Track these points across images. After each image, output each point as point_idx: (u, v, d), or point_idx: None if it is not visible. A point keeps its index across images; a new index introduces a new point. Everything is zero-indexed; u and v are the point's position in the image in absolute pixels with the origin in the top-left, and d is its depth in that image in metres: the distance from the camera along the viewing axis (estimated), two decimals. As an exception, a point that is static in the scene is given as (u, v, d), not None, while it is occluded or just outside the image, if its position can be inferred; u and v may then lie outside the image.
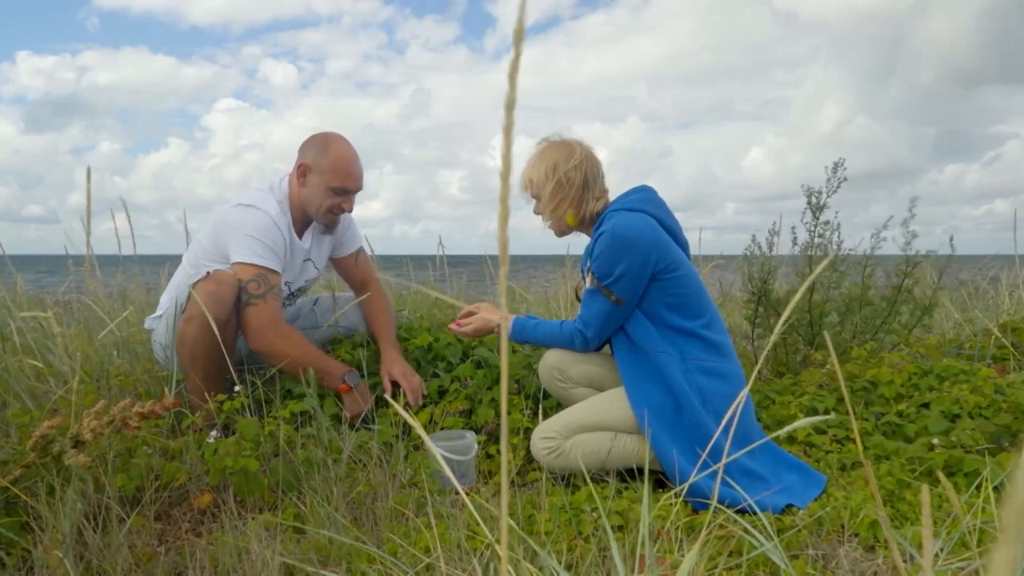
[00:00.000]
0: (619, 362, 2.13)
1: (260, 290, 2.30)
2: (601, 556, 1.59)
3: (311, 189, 2.46)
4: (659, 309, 2.09)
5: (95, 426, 1.52)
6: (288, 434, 2.06)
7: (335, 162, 2.44)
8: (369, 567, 1.47)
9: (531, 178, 2.19)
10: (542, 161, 2.17)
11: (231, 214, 2.40)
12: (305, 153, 2.47)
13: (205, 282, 2.22)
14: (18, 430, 1.95)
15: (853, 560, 1.62)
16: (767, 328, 2.96)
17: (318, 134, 2.51)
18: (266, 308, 2.31)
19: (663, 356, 2.05)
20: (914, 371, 2.55)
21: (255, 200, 2.41)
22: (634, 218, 2.05)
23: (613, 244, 2.01)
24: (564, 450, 2.07)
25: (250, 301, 2.29)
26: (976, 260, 7.03)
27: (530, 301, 4.74)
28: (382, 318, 2.68)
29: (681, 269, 2.10)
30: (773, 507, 1.86)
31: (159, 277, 4.36)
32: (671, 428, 2.02)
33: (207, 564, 1.56)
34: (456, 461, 2.06)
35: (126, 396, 2.33)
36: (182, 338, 2.24)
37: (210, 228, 2.47)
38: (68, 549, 1.41)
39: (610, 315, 2.09)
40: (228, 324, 2.26)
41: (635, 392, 2.07)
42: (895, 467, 1.98)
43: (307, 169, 2.45)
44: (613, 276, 2.03)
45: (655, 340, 2.07)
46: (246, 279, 2.29)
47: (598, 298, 2.09)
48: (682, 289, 2.10)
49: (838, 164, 2.73)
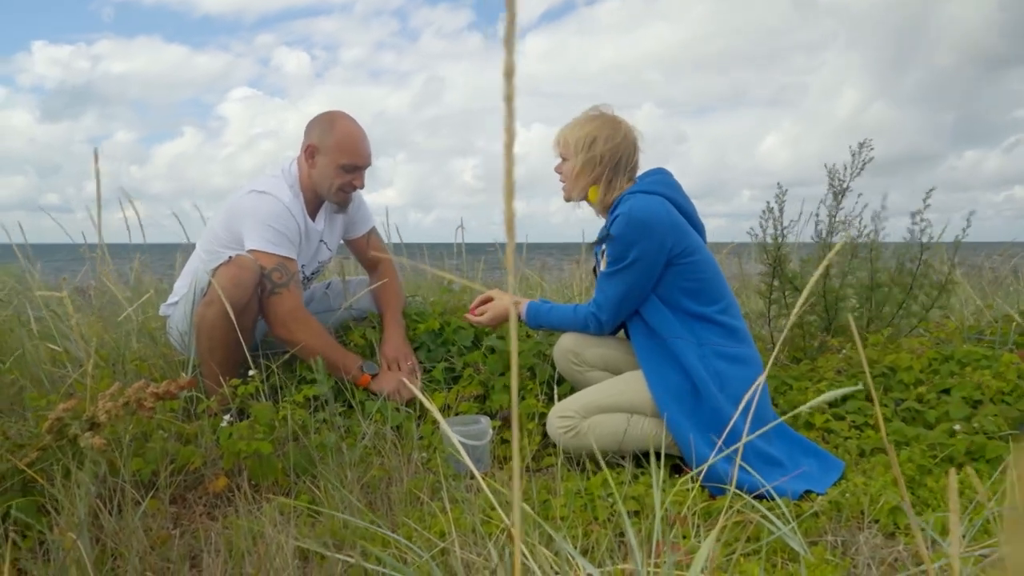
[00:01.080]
0: (636, 347, 2.11)
1: (283, 279, 2.32)
2: (617, 541, 1.58)
3: (320, 169, 2.45)
4: (676, 295, 2.06)
5: (110, 408, 1.52)
6: (302, 418, 2.05)
7: (341, 140, 2.43)
8: (384, 551, 1.46)
9: (567, 140, 2.16)
10: (583, 129, 2.13)
11: (245, 201, 2.40)
12: (311, 134, 2.46)
13: (227, 266, 2.22)
14: (34, 413, 1.95)
15: (873, 547, 1.59)
16: (783, 306, 2.91)
17: (322, 114, 2.50)
18: (289, 297, 2.33)
19: (679, 342, 2.03)
20: (934, 356, 2.51)
21: (268, 187, 2.40)
22: (651, 200, 2.02)
23: (629, 226, 1.99)
24: (581, 430, 2.06)
25: (274, 290, 2.31)
26: (995, 247, 6.94)
27: (546, 288, 4.72)
28: (388, 296, 2.69)
29: (698, 254, 2.07)
30: (791, 493, 1.84)
31: (174, 265, 4.37)
32: (690, 412, 2.00)
33: (222, 547, 1.56)
34: (471, 446, 2.06)
35: (141, 380, 2.34)
36: (201, 322, 2.24)
37: (223, 214, 2.47)
38: (83, 532, 1.42)
39: (624, 298, 2.07)
40: (248, 309, 2.27)
41: (653, 376, 2.05)
42: (915, 453, 1.95)
43: (315, 150, 2.45)
44: (628, 259, 2.00)
45: (672, 326, 2.05)
46: (268, 268, 2.30)
47: (613, 281, 2.06)
48: (700, 274, 2.07)
49: (863, 145, 2.66)
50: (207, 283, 2.23)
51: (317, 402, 2.27)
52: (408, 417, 2.24)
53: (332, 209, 2.61)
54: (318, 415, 2.17)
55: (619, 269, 2.03)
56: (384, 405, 2.28)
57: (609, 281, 2.08)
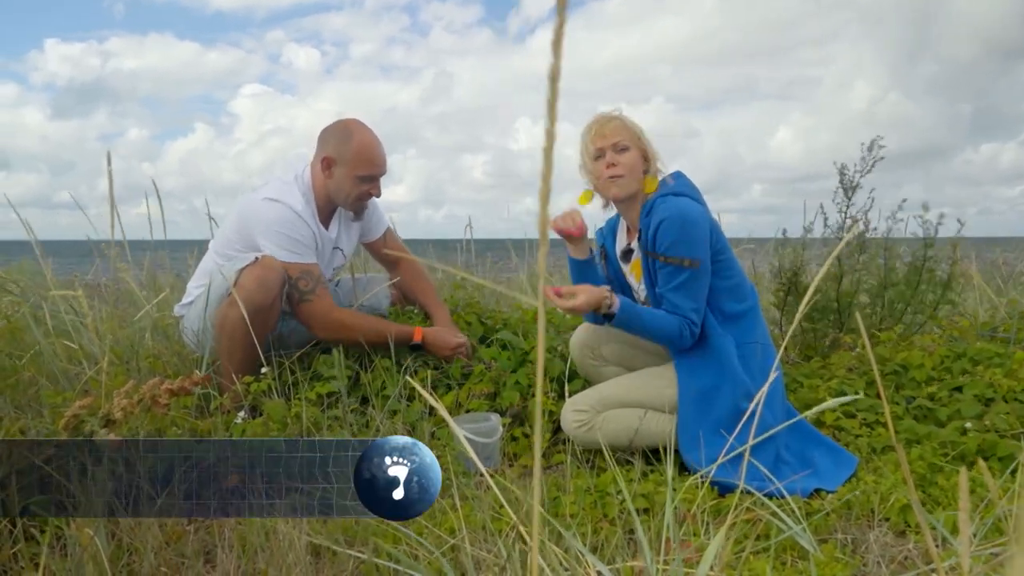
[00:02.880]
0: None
1: (309, 285, 2.37)
2: (627, 539, 1.59)
3: (338, 180, 2.47)
4: (712, 295, 2.06)
5: (125, 405, 1.54)
6: (314, 415, 2.07)
7: (359, 150, 2.45)
8: (395, 547, 1.48)
9: (625, 127, 2.08)
10: (629, 120, 2.11)
11: (258, 209, 2.41)
12: (327, 145, 2.48)
13: (252, 267, 2.27)
14: (50, 410, 1.98)
15: (883, 545, 1.59)
16: (795, 314, 2.92)
17: (337, 123, 2.52)
18: (320, 301, 2.40)
19: (723, 340, 2.04)
20: (946, 354, 2.50)
21: (280, 194, 2.42)
22: (687, 201, 2.03)
23: (684, 225, 1.97)
24: (595, 424, 2.07)
25: (304, 297, 2.37)
26: (1010, 242, 6.88)
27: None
28: (422, 285, 2.77)
29: (728, 251, 2.11)
30: (801, 491, 1.84)
31: (187, 262, 4.39)
32: (705, 412, 2.00)
33: (235, 543, 1.58)
34: (481, 443, 2.07)
35: (156, 377, 2.36)
36: (223, 321, 2.27)
37: (235, 218, 2.49)
38: (99, 527, 1.44)
39: (703, 298, 2.04)
40: (272, 309, 2.31)
41: (686, 374, 2.06)
42: (927, 451, 1.95)
43: (332, 162, 2.46)
44: (694, 259, 1.99)
45: (713, 325, 2.06)
46: (294, 277, 2.35)
47: (689, 286, 2.00)
48: (732, 271, 2.10)
49: (874, 142, 2.63)
50: (230, 283, 2.26)
51: (330, 399, 2.29)
52: (421, 416, 2.26)
53: (348, 217, 2.64)
54: (330, 412, 2.19)
55: (688, 273, 1.99)
56: (397, 404, 2.30)
57: (684, 289, 2.00)
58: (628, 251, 2.21)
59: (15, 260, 4.30)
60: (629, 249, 2.21)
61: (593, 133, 2.09)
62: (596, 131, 2.08)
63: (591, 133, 2.10)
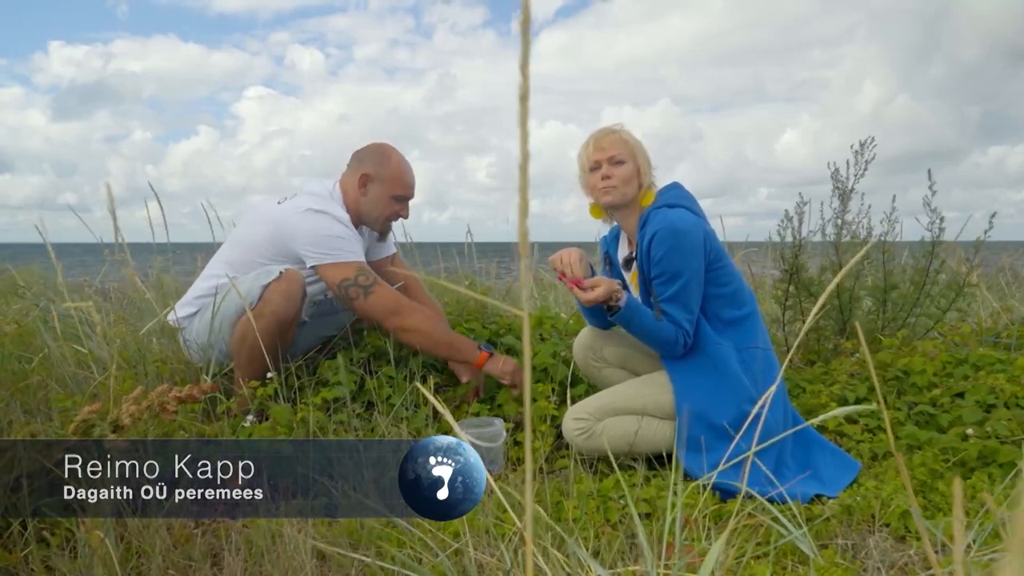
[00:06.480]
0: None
1: (369, 280, 2.41)
2: (629, 543, 1.60)
3: (373, 198, 2.54)
4: (710, 301, 2.08)
5: (134, 411, 1.57)
6: (320, 420, 2.09)
7: (397, 172, 2.54)
8: (399, 551, 1.49)
9: (624, 140, 2.13)
10: (629, 135, 2.15)
11: (305, 220, 2.43)
12: (364, 163, 2.55)
13: (278, 282, 2.30)
14: (60, 414, 2.00)
15: (883, 550, 1.61)
16: (798, 311, 2.92)
17: (372, 145, 2.60)
18: (384, 291, 2.42)
19: (719, 348, 2.06)
20: (948, 360, 2.51)
21: (324, 206, 2.47)
22: (680, 211, 2.06)
23: (676, 236, 1.99)
24: (595, 432, 2.09)
25: (368, 290, 2.39)
26: (1015, 246, 6.86)
27: (559, 290, 4.73)
28: (428, 306, 2.74)
29: (725, 259, 2.12)
30: (802, 496, 1.86)
31: (196, 263, 4.41)
32: (705, 418, 2.02)
33: (242, 546, 1.60)
34: (485, 447, 2.09)
35: (163, 382, 2.39)
36: (244, 334, 2.29)
37: (270, 228, 2.47)
38: (109, 530, 1.46)
39: (695, 308, 2.06)
40: (295, 321, 2.36)
41: (681, 382, 2.08)
42: (928, 457, 1.96)
43: (368, 179, 2.53)
44: (686, 271, 2.01)
45: (708, 332, 2.07)
46: (352, 275, 2.39)
47: (681, 298, 2.03)
48: (730, 278, 2.11)
49: (864, 144, 2.57)
50: (256, 296, 2.29)
51: (336, 404, 2.31)
52: (427, 422, 2.28)
53: (374, 237, 2.72)
54: (336, 416, 2.21)
55: (681, 283, 2.02)
56: (403, 411, 2.32)
57: (678, 300, 2.04)
58: (629, 260, 2.24)
59: (22, 261, 4.33)
60: (631, 258, 2.24)
61: (591, 147, 2.15)
62: (594, 145, 2.15)
63: (589, 148, 2.16)
